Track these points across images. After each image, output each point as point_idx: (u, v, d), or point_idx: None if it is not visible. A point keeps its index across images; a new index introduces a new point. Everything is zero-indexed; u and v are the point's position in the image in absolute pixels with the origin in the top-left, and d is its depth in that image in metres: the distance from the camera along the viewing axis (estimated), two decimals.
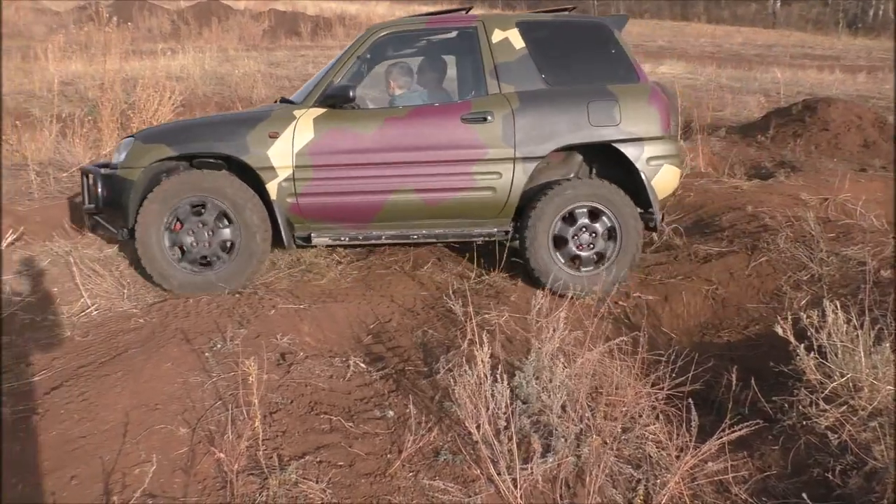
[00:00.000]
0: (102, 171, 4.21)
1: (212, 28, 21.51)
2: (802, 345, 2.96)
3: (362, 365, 3.34)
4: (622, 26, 4.44)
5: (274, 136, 4.01)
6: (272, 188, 4.05)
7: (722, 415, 2.87)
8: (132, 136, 4.30)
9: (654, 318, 4.24)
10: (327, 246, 4.55)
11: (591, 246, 4.27)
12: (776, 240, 4.53)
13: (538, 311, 3.41)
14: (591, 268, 4.28)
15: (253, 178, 4.05)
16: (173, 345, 3.27)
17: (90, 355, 3.29)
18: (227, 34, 21.35)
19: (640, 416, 3.02)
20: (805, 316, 3.02)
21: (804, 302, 3.87)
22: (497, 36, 4.23)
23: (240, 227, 4.01)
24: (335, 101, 4.04)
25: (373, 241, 4.30)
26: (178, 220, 4.03)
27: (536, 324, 3.39)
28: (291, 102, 4.27)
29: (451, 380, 2.85)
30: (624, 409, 3.01)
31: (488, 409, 2.69)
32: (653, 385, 3.15)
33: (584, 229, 4.24)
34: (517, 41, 4.24)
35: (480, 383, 2.74)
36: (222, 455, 2.52)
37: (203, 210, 4.03)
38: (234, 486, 2.43)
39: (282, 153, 4.01)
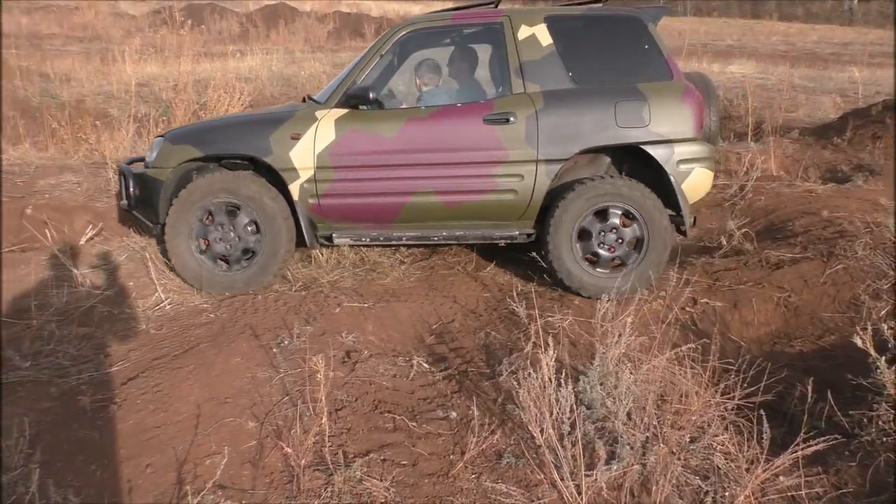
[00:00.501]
0: (134, 170, 4.34)
1: (279, 30, 21.97)
2: (883, 357, 2.84)
3: (425, 365, 3.35)
4: (658, 19, 4.21)
5: (296, 138, 4.02)
6: (294, 189, 4.07)
7: (795, 428, 2.78)
8: (162, 136, 4.37)
9: (723, 325, 4.12)
10: (350, 246, 4.52)
11: (616, 248, 4.13)
12: (854, 246, 4.34)
13: (603, 316, 3.37)
14: (617, 269, 4.15)
15: (277, 178, 4.10)
16: (242, 340, 3.35)
17: (164, 348, 3.41)
18: (294, 36, 21.77)
19: (709, 426, 2.94)
20: (886, 327, 2.89)
21: (884, 312, 3.71)
22: (523, 32, 4.08)
23: (264, 227, 4.06)
24: (356, 102, 4.01)
25: (393, 242, 4.30)
26: (204, 220, 4.13)
27: (601, 328, 3.35)
28: (316, 101, 4.25)
29: (515, 383, 2.85)
30: (691, 418, 2.95)
31: (552, 413, 2.68)
32: (722, 394, 3.07)
33: (609, 230, 4.10)
34: (544, 37, 4.07)
35: (544, 387, 2.72)
36: (290, 450, 2.57)
37: (229, 211, 4.10)
38: (301, 480, 2.48)
39: (303, 154, 4.02)
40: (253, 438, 2.69)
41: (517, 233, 4.21)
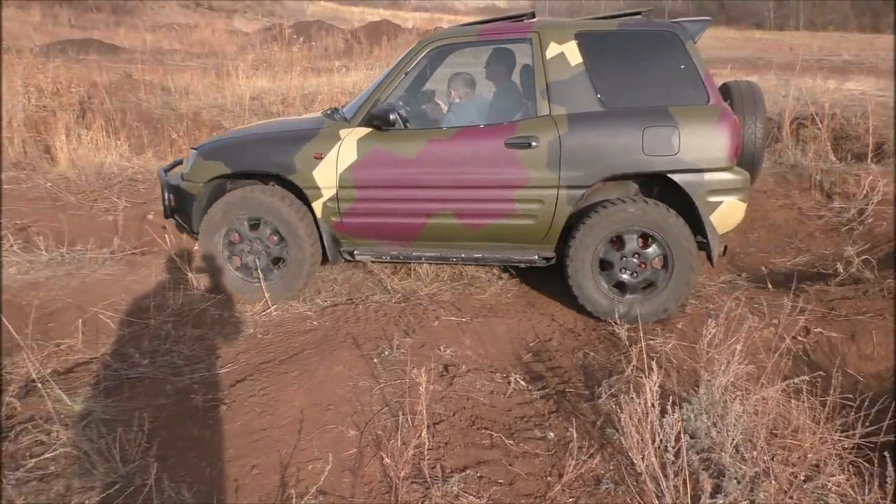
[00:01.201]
0: (171, 181, 4.48)
1: (381, 46, 22.54)
2: None
3: (522, 383, 3.33)
4: (699, 34, 3.92)
5: (319, 157, 4.05)
6: (317, 206, 4.13)
7: None
8: (196, 149, 4.47)
9: (839, 357, 3.90)
10: (371, 262, 4.51)
11: (639, 273, 3.96)
12: None
13: (709, 342, 3.25)
14: (638, 295, 3.98)
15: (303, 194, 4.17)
16: (344, 349, 3.44)
17: (270, 353, 3.54)
18: (395, 51, 22.25)
19: (825, 464, 2.78)
20: None
21: None
22: (552, 50, 3.90)
23: (288, 241, 4.14)
24: (378, 122, 3.96)
25: (413, 261, 4.28)
26: (235, 233, 4.26)
27: (707, 355, 3.23)
28: (343, 117, 4.24)
29: (615, 406, 2.78)
30: (805, 455, 2.79)
31: (654, 440, 2.60)
32: (840, 431, 2.90)
33: (632, 255, 3.94)
34: (574, 56, 3.89)
35: (647, 413, 2.65)
36: (389, 460, 2.61)
37: (258, 225, 4.21)
38: (399, 492, 2.51)
39: (326, 173, 4.05)
40: (353, 446, 2.74)
41: (536, 256, 4.12)
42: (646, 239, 3.92)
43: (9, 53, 9.62)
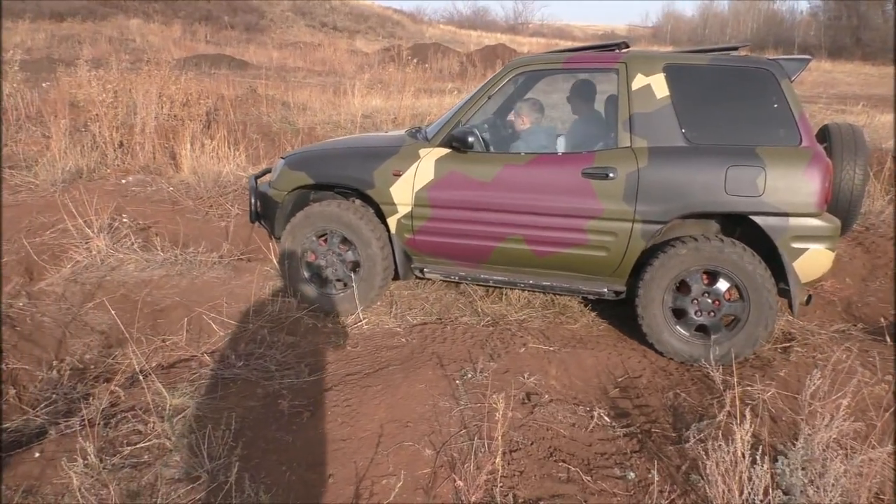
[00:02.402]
0: (260, 187, 4.65)
1: (495, 69, 22.78)
2: None
3: (606, 418, 3.23)
4: (797, 72, 3.74)
5: (397, 175, 4.10)
6: (392, 222, 4.19)
7: None
8: (283, 158, 4.60)
9: None
10: (441, 280, 4.47)
11: (713, 313, 3.78)
12: None
13: (813, 393, 3.05)
14: (711, 337, 3.78)
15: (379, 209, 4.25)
16: (428, 367, 3.46)
17: (357, 365, 3.61)
18: None
19: None
20: None
21: None
22: (638, 82, 3.81)
23: (361, 256, 4.22)
24: (457, 144, 3.97)
25: (481, 283, 4.25)
26: (314, 244, 4.37)
27: (809, 407, 3.03)
28: (424, 136, 4.27)
29: (703, 452, 2.65)
30: None
31: (742, 492, 2.46)
32: None
33: (705, 294, 3.77)
34: (660, 89, 3.78)
35: (736, 463, 2.51)
36: (461, 483, 2.59)
37: (334, 238, 4.31)
38: None
39: (403, 191, 4.10)
40: (428, 466, 2.75)
41: (606, 290, 4.01)
42: (712, 276, 3.78)
43: (149, 65, 10.34)
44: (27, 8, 26.28)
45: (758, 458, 2.48)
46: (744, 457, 2.50)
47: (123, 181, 7.04)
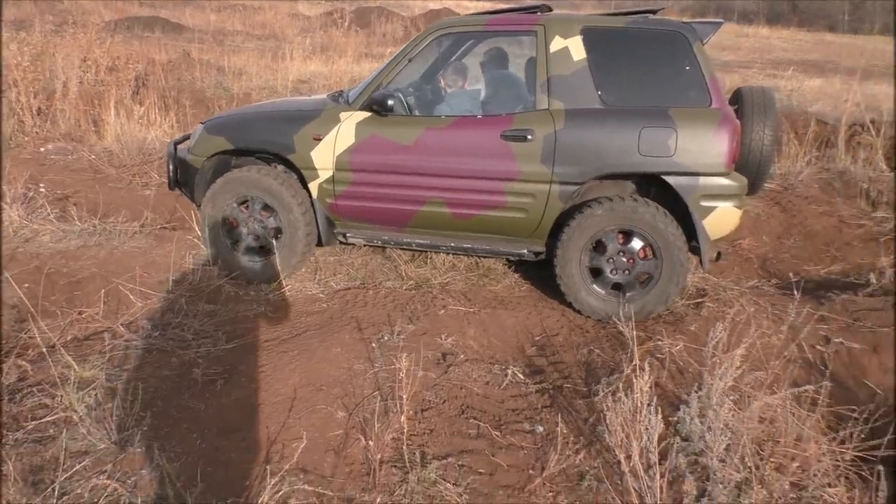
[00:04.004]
0: (179, 153, 4.54)
1: None
2: None
3: (520, 376, 3.31)
4: (708, 35, 3.83)
5: (318, 139, 4.07)
6: (313, 187, 4.17)
7: None
8: (203, 123, 4.52)
9: (858, 368, 3.76)
10: (364, 245, 4.48)
11: (628, 272, 3.90)
12: None
13: (716, 345, 3.17)
14: (626, 294, 3.90)
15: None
16: (346, 332, 3.48)
17: (275, 332, 3.60)
18: None
19: (821, 476, 2.70)
20: None
21: None
22: (556, 44, 3.84)
23: (285, 222, 4.17)
24: (377, 107, 3.95)
25: (404, 247, 4.28)
26: (235, 211, 4.29)
27: (712, 358, 3.16)
28: (346, 100, 4.24)
29: (608, 404, 2.74)
30: (803, 464, 2.72)
31: (640, 440, 2.56)
32: (841, 443, 2.81)
33: (620, 253, 3.89)
34: (578, 51, 3.82)
35: (636, 413, 2.61)
36: (371, 443, 2.63)
37: (247, 204, 4.26)
38: (377, 474, 2.53)
39: (324, 155, 4.07)
40: (340, 428, 2.78)
41: (525, 251, 4.08)
42: (627, 235, 3.88)
43: (74, 27, 9.93)
44: None
45: (653, 408, 2.57)
46: (644, 406, 2.60)
47: (42, 150, 6.79)
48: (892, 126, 8.08)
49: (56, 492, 2.41)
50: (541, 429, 2.92)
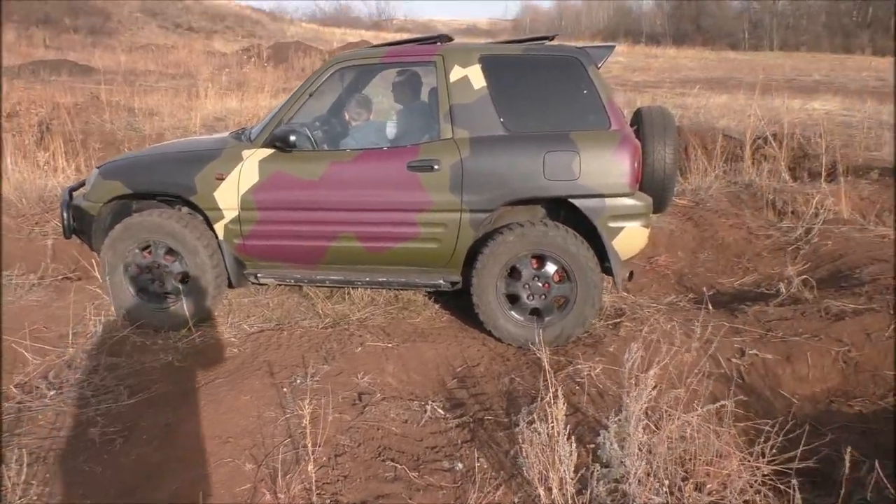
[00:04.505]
0: (75, 201, 4.31)
1: None
2: None
3: (440, 411, 3.23)
4: (602, 60, 3.90)
5: (220, 178, 3.95)
6: (219, 228, 4.03)
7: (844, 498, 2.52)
8: (98, 168, 4.34)
9: (773, 379, 3.84)
10: (277, 285, 4.39)
11: (544, 296, 3.90)
12: None
13: (631, 366, 3.17)
14: (545, 318, 3.92)
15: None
16: (257, 377, 3.33)
17: (182, 382, 3.43)
18: None
19: (740, 492, 2.70)
20: None
21: None
22: (456, 74, 3.84)
23: (191, 266, 4.01)
24: (279, 143, 3.86)
25: (318, 284, 4.19)
26: (137, 257, 4.10)
27: (629, 379, 3.15)
28: (248, 137, 4.15)
29: (521, 437, 2.69)
30: (723, 481, 2.72)
31: (559, 471, 2.51)
32: (761, 456, 2.83)
33: (535, 278, 3.88)
34: (477, 80, 3.83)
35: (553, 442, 2.57)
36: (282, 496, 2.50)
37: (157, 249, 4.06)
38: None
39: (228, 195, 3.96)
40: (248, 481, 2.63)
41: (441, 281, 4.03)
42: (541, 259, 3.87)
43: None
44: None
45: (567, 436, 2.54)
46: (559, 435, 2.55)
47: None
48: (794, 138, 8.49)
49: None
50: (460, 465, 2.84)
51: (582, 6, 55.31)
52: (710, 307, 4.56)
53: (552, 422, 2.58)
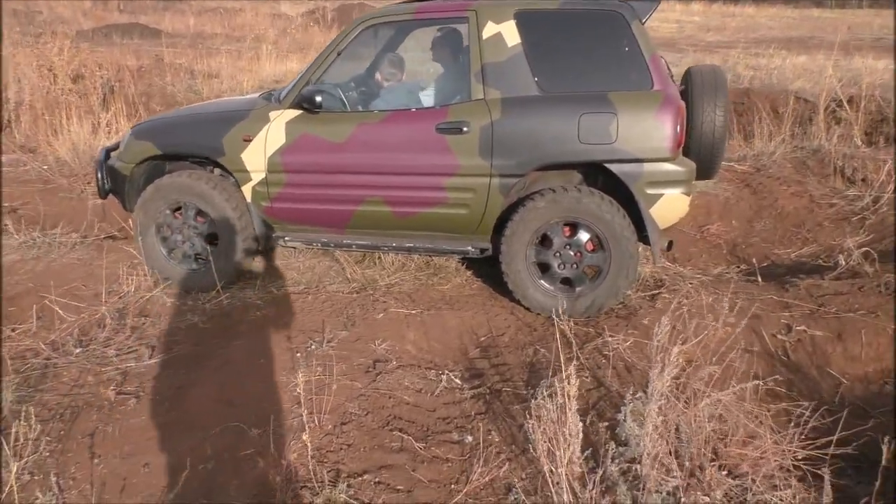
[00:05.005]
0: (109, 161, 4.34)
1: None
2: None
3: (457, 381, 3.14)
4: (647, 14, 3.62)
5: (248, 140, 3.90)
6: (247, 190, 4.00)
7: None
8: (132, 128, 4.36)
9: (821, 358, 3.58)
10: (305, 248, 4.27)
11: (576, 266, 3.72)
12: None
13: (661, 339, 2.99)
14: (576, 288, 3.75)
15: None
16: (274, 342, 3.30)
17: (202, 343, 3.43)
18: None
19: (766, 476, 2.52)
20: None
21: None
22: (489, 30, 3.64)
23: (220, 228, 4.00)
24: (307, 104, 3.75)
25: (344, 248, 4.09)
26: (168, 218, 4.13)
27: (657, 353, 2.98)
28: (277, 98, 4.05)
29: (529, 412, 2.57)
30: (753, 465, 2.55)
31: (569, 448, 2.39)
32: (798, 440, 2.64)
33: (566, 246, 3.70)
34: (512, 37, 3.61)
35: (564, 419, 2.43)
36: (284, 462, 2.46)
37: (188, 211, 4.07)
38: (285, 496, 2.36)
39: (255, 157, 3.90)
40: (252, 447, 2.60)
41: (470, 248, 3.88)
42: (573, 227, 3.70)
43: (43, 36, 9.76)
44: None
45: (586, 412, 2.41)
46: (567, 413, 2.42)
47: None
48: (873, 101, 7.90)
49: None
50: (470, 438, 2.74)
51: None
52: (760, 279, 4.31)
53: (561, 397, 2.44)
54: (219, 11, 27.75)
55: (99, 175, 4.30)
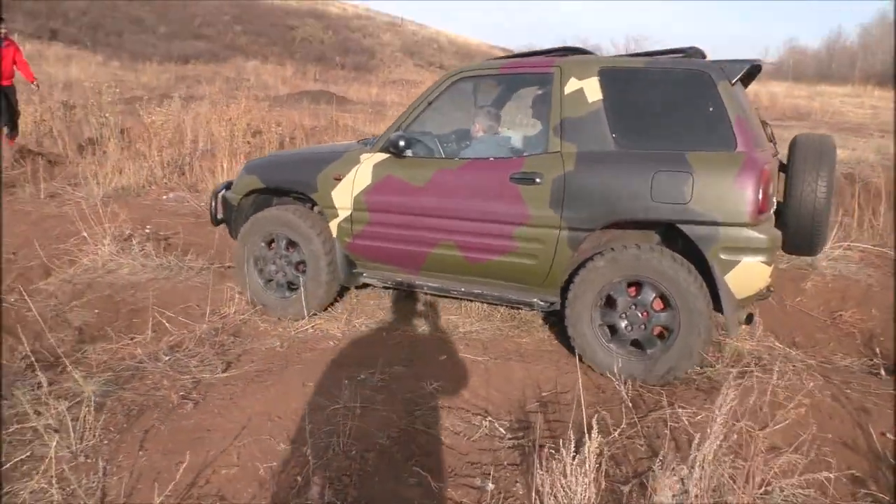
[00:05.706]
0: (223, 193, 4.73)
1: None
2: None
3: (501, 429, 3.04)
4: (736, 75, 3.41)
5: (338, 179, 4.14)
6: (333, 226, 4.23)
7: None
8: (245, 163, 4.66)
9: None
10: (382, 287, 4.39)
11: (644, 326, 3.52)
12: None
13: (724, 413, 2.74)
14: (648, 351, 3.55)
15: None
16: (330, 368, 3.40)
17: (271, 364, 3.60)
18: None
19: None
20: None
21: None
22: (571, 86, 3.64)
23: (307, 254, 4.23)
24: (392, 149, 3.93)
25: (416, 289, 4.19)
26: (262, 250, 4.44)
27: (710, 426, 2.72)
28: (370, 143, 4.27)
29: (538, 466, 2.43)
30: None
31: None
32: None
33: (632, 306, 3.54)
34: (593, 93, 3.59)
35: (578, 479, 2.29)
36: (299, 478, 2.51)
37: (279, 242, 4.36)
38: None
39: (343, 195, 4.13)
40: (276, 460, 2.68)
41: (536, 299, 3.83)
42: (639, 286, 3.54)
43: (245, 99, 10.97)
44: (157, 52, 28.76)
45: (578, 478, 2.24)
46: (576, 475, 2.27)
47: (164, 197, 7.47)
48: None
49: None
50: (491, 486, 2.63)
51: (856, 48, 49.90)
52: (884, 373, 3.82)
53: (566, 458, 2.29)
54: (401, 83, 29.77)
55: (213, 204, 4.75)
